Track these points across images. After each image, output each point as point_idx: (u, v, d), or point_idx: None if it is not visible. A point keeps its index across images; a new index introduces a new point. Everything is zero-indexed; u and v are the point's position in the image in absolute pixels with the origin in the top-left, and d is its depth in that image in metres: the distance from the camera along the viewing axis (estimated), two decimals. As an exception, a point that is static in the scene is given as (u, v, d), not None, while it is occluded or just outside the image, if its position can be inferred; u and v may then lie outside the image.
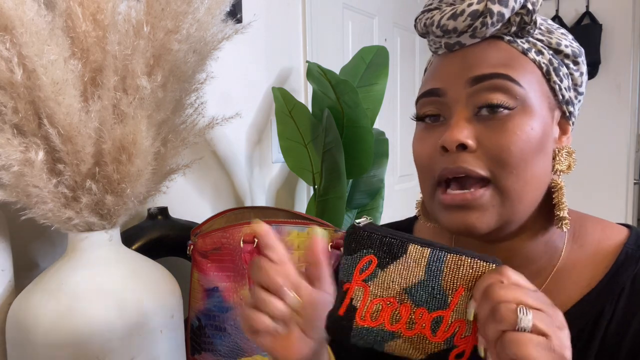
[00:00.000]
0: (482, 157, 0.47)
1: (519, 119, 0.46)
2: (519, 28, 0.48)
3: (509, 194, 0.47)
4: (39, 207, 0.60)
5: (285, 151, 1.23)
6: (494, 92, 0.46)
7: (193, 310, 0.84)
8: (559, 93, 0.49)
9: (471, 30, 0.47)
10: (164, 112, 0.64)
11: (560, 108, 0.50)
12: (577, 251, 0.52)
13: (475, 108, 0.47)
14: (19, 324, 0.62)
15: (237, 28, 0.72)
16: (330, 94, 1.15)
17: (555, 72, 0.49)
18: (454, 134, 0.47)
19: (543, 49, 0.49)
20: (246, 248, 0.77)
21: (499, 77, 0.46)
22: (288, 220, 0.78)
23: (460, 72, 0.48)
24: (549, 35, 0.49)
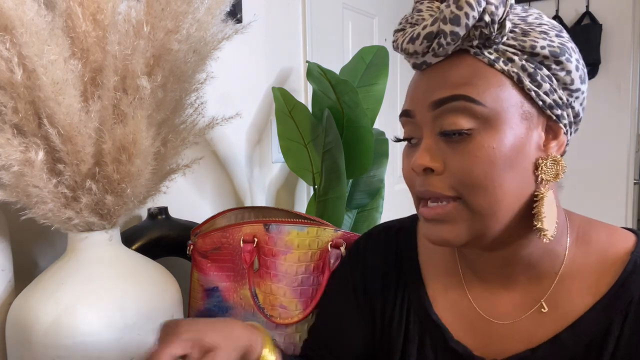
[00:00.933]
0: (449, 179, 0.48)
1: (480, 140, 0.47)
2: (482, 40, 0.47)
3: (479, 211, 0.48)
4: (39, 207, 0.60)
5: (285, 151, 1.23)
6: (454, 115, 0.47)
7: (193, 310, 0.84)
8: (536, 99, 0.47)
9: (431, 51, 0.48)
10: (164, 112, 0.65)
11: (543, 113, 0.48)
12: (581, 257, 0.52)
13: (438, 131, 0.49)
14: (19, 324, 0.62)
15: (237, 28, 0.72)
16: (330, 94, 1.15)
17: (530, 77, 0.47)
18: (418, 158, 0.49)
19: (514, 55, 0.47)
20: (246, 248, 0.77)
21: (457, 99, 0.47)
22: (288, 219, 0.78)
23: (425, 95, 0.49)
24: (523, 38, 0.47)
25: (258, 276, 0.77)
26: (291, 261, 0.75)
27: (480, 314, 0.55)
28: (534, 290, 0.52)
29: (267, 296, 0.77)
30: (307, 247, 0.75)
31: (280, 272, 0.76)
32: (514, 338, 0.52)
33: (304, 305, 0.75)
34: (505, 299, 0.54)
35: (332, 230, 0.76)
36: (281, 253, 0.76)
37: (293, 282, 0.75)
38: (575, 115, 0.50)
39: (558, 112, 0.48)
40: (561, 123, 0.49)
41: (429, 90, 0.49)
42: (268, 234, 0.76)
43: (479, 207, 0.48)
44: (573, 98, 0.49)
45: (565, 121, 0.49)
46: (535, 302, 0.52)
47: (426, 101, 0.49)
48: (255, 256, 0.77)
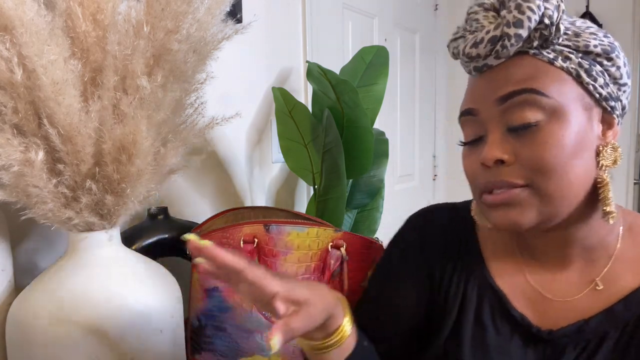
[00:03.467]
0: (520, 169, 0.52)
1: (549, 129, 0.51)
2: (541, 41, 0.51)
3: (549, 195, 0.51)
4: (39, 207, 0.60)
5: (285, 151, 1.23)
6: (520, 109, 0.51)
7: (193, 310, 0.84)
8: (594, 92, 0.52)
9: (494, 54, 0.52)
10: (164, 112, 0.64)
11: (600, 105, 0.53)
12: (631, 245, 0.56)
13: (507, 125, 0.52)
14: (19, 324, 0.62)
15: (237, 28, 0.72)
16: (330, 94, 1.15)
17: (587, 73, 0.51)
18: (490, 151, 0.52)
19: (570, 53, 0.52)
20: (246, 248, 0.77)
21: (524, 92, 0.51)
22: (288, 220, 0.78)
23: (489, 92, 0.53)
24: (576, 39, 0.52)
25: None
26: (291, 262, 0.75)
27: (538, 290, 0.58)
28: (589, 271, 0.56)
29: None
30: (307, 248, 0.75)
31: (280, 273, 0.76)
32: (569, 312, 0.56)
33: None
34: (562, 278, 0.58)
35: (332, 231, 0.76)
36: (281, 254, 0.76)
37: None
38: (622, 108, 0.54)
39: (612, 103, 0.53)
40: (614, 114, 0.53)
41: (492, 88, 0.53)
42: (268, 234, 0.76)
43: (550, 192, 0.51)
44: (621, 92, 0.54)
45: (617, 112, 0.54)
46: (590, 281, 0.56)
47: (491, 97, 0.53)
48: (255, 257, 0.76)
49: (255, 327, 0.78)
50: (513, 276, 0.60)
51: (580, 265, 0.57)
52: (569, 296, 0.57)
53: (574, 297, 0.56)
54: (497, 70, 0.53)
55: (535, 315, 0.58)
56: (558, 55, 0.52)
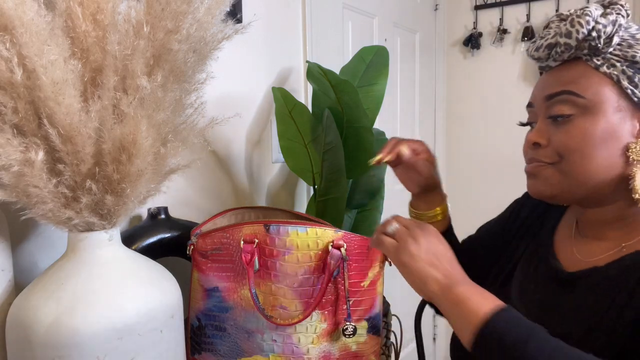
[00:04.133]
0: (551, 151, 0.65)
1: (578, 122, 0.62)
2: (591, 50, 0.62)
3: (569, 175, 0.64)
4: (39, 207, 0.60)
5: (285, 151, 1.23)
6: (560, 104, 0.64)
7: (193, 310, 0.84)
8: (632, 96, 0.61)
9: (550, 57, 0.66)
10: (164, 112, 0.64)
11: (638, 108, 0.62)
12: None
13: (548, 116, 0.65)
14: (19, 324, 0.62)
15: (237, 28, 0.72)
16: (330, 94, 1.15)
17: (629, 79, 0.61)
18: (532, 136, 0.67)
19: (617, 62, 0.61)
20: (246, 248, 0.77)
21: (563, 93, 0.63)
22: (288, 220, 0.78)
23: (542, 90, 0.67)
24: (627, 50, 0.61)
25: (258, 277, 0.77)
26: (291, 262, 0.75)
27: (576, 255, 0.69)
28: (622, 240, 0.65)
29: (267, 297, 0.76)
30: (307, 248, 0.75)
31: (281, 273, 0.76)
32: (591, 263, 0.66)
33: (304, 306, 0.75)
34: (597, 248, 0.67)
35: (332, 231, 0.76)
36: (281, 254, 0.75)
37: (293, 282, 0.75)
38: None
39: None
40: None
41: (545, 87, 0.66)
42: (268, 234, 0.76)
43: (569, 171, 0.63)
44: None
45: None
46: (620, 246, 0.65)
47: (542, 95, 0.67)
48: (255, 257, 0.76)
49: (255, 328, 0.77)
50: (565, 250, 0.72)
51: (616, 236, 0.66)
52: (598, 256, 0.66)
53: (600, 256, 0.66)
54: (554, 72, 0.66)
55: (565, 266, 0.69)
56: (605, 63, 0.62)
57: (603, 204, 0.65)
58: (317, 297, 0.74)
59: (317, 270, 0.75)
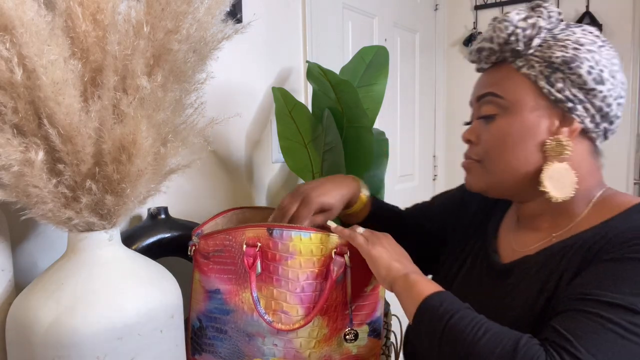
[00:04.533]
0: (480, 149, 0.71)
1: (499, 122, 0.68)
2: (513, 53, 0.67)
3: (492, 171, 0.70)
4: (39, 207, 0.60)
5: (285, 151, 1.23)
6: (485, 105, 0.70)
7: (194, 311, 0.84)
8: (549, 95, 0.65)
9: (481, 60, 0.72)
10: (164, 112, 0.64)
11: (557, 106, 0.65)
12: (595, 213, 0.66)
13: (478, 116, 0.72)
14: (19, 324, 0.62)
15: (237, 28, 0.72)
16: (330, 94, 1.15)
17: (546, 79, 0.64)
18: (464, 134, 0.74)
19: (536, 63, 0.65)
20: (249, 251, 0.76)
21: (487, 95, 0.70)
22: (292, 225, 0.77)
23: (475, 91, 0.73)
24: (546, 51, 0.65)
25: (260, 280, 0.76)
26: (294, 267, 0.75)
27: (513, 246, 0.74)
28: (552, 230, 0.69)
29: (269, 301, 0.76)
30: (310, 254, 0.74)
31: (283, 277, 0.75)
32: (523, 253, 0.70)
33: (306, 311, 0.75)
34: (531, 239, 0.71)
35: (336, 238, 0.76)
36: (284, 258, 0.75)
37: (295, 287, 0.75)
38: (598, 110, 0.64)
39: (569, 105, 0.64)
40: (574, 114, 0.64)
41: (477, 88, 0.73)
42: (271, 238, 0.75)
43: (490, 167, 0.70)
44: (591, 95, 0.64)
45: (579, 112, 0.64)
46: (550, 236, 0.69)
47: (475, 96, 0.73)
48: (257, 260, 0.76)
49: (256, 331, 0.77)
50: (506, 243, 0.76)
51: (547, 227, 0.70)
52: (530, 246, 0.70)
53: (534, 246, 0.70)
54: (485, 74, 0.72)
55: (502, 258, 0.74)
56: (526, 64, 0.66)
57: (530, 198, 0.70)
58: (319, 303, 0.74)
59: (319, 276, 0.75)
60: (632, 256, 0.56)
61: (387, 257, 0.71)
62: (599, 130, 0.66)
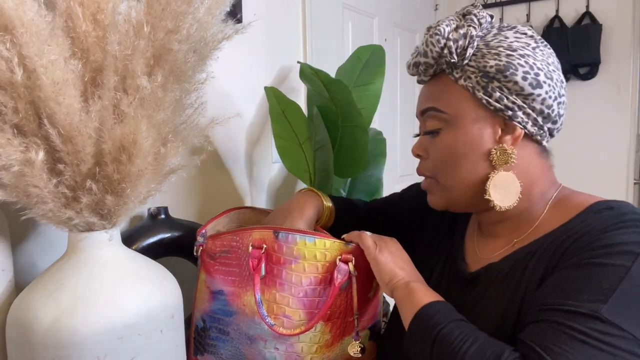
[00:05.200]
0: (429, 163, 0.71)
1: (443, 136, 0.67)
2: (449, 65, 0.66)
3: (445, 186, 0.69)
4: (39, 207, 0.60)
5: (281, 151, 1.23)
6: (430, 119, 0.69)
7: (199, 310, 0.84)
8: (487, 105, 0.64)
9: (420, 74, 0.71)
10: (164, 112, 0.64)
11: (497, 115, 0.64)
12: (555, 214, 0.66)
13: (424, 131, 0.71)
14: (19, 324, 0.62)
15: (237, 28, 0.72)
16: (324, 93, 1.14)
17: (483, 89, 0.64)
18: (413, 148, 0.73)
19: (472, 73, 0.64)
20: (254, 254, 0.76)
21: (429, 110, 0.69)
22: (297, 229, 0.77)
23: (419, 105, 0.72)
24: (479, 60, 0.64)
25: (263, 283, 0.76)
26: (297, 271, 0.74)
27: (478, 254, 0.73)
28: (514, 235, 0.69)
29: (271, 304, 0.75)
30: (314, 259, 0.74)
31: (286, 281, 0.75)
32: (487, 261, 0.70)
33: (308, 316, 0.74)
34: (494, 246, 0.71)
35: (342, 244, 0.75)
36: (288, 262, 0.74)
37: (298, 292, 0.74)
38: (540, 113, 0.64)
39: (509, 113, 0.63)
40: (514, 121, 0.64)
41: (420, 102, 0.72)
42: (277, 241, 0.75)
43: (444, 183, 0.69)
44: (529, 100, 0.63)
45: (519, 119, 0.64)
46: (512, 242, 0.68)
47: (418, 110, 0.72)
48: (262, 263, 0.75)
49: (257, 335, 0.77)
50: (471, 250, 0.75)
51: (508, 232, 0.69)
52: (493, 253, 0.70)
53: (497, 253, 0.69)
54: (426, 86, 0.71)
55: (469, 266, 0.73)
56: (462, 75, 0.65)
57: (485, 208, 0.68)
58: (322, 309, 0.73)
59: (323, 282, 0.74)
60: (591, 261, 0.55)
61: (392, 263, 0.70)
62: (543, 132, 0.65)
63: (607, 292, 0.53)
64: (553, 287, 0.57)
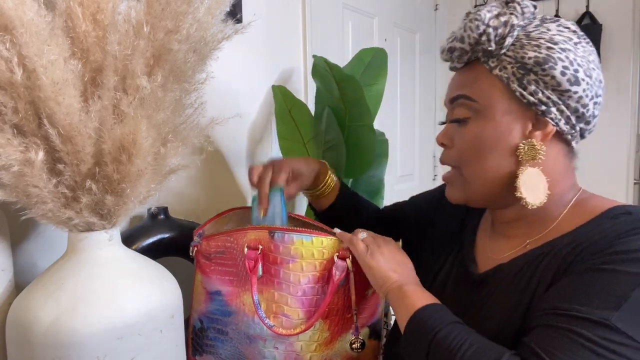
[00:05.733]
0: (454, 153, 0.69)
1: (472, 126, 0.65)
2: (485, 53, 0.63)
3: (467, 178, 0.67)
4: (39, 207, 0.60)
5: (284, 151, 1.23)
6: (458, 108, 0.67)
7: (196, 311, 0.84)
8: (521, 98, 0.61)
9: (453, 60, 0.68)
10: (164, 112, 0.64)
11: (529, 109, 0.62)
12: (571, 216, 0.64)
13: (450, 119, 0.69)
14: (19, 324, 0.62)
15: (237, 28, 0.72)
16: (334, 92, 1.14)
17: (518, 81, 0.61)
18: (438, 137, 0.71)
19: (508, 64, 0.62)
20: (250, 255, 0.76)
21: (459, 97, 0.66)
22: (293, 228, 0.77)
23: (449, 92, 0.70)
24: (518, 51, 0.61)
25: (261, 283, 0.76)
26: (295, 270, 0.74)
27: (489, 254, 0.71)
28: (528, 236, 0.67)
29: (270, 304, 0.75)
30: (312, 257, 0.74)
31: (284, 281, 0.75)
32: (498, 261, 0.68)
33: (307, 315, 0.74)
34: (505, 246, 0.69)
35: (338, 241, 0.75)
36: (285, 261, 0.74)
37: (297, 291, 0.74)
38: (574, 111, 0.62)
39: (543, 108, 0.61)
40: (547, 117, 0.61)
41: (450, 90, 0.69)
42: (273, 241, 0.75)
43: (467, 175, 0.67)
44: (565, 97, 0.61)
45: (552, 115, 0.61)
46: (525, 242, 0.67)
47: (448, 97, 0.69)
48: (259, 263, 0.75)
49: (256, 334, 0.77)
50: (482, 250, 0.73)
51: (521, 233, 0.68)
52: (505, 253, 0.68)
53: (508, 253, 0.68)
54: (458, 74, 0.69)
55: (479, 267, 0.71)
56: (498, 65, 0.63)
57: (505, 205, 0.67)
58: (321, 307, 0.73)
59: (321, 280, 0.74)
60: (604, 267, 0.54)
61: (385, 266, 0.69)
62: (575, 132, 0.63)
63: (619, 300, 0.51)
64: (563, 290, 0.56)
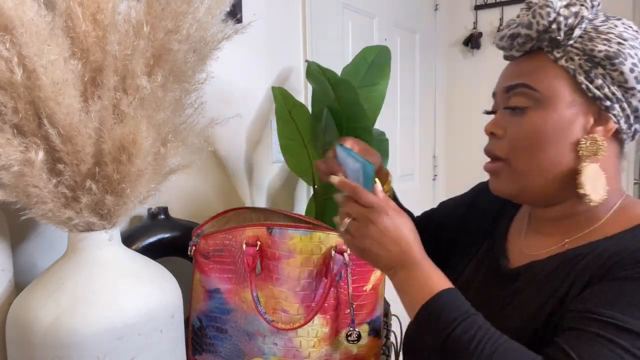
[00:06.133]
0: (505, 143, 0.64)
1: (531, 115, 0.61)
2: (552, 42, 0.61)
3: (519, 171, 0.63)
4: (39, 207, 0.60)
5: (285, 151, 1.23)
6: (516, 96, 0.63)
7: (194, 310, 0.84)
8: (587, 91, 0.59)
9: (514, 47, 0.64)
10: (164, 112, 0.64)
11: (593, 103, 0.60)
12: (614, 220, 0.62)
13: (505, 106, 0.64)
14: (19, 324, 0.62)
15: (237, 28, 0.72)
16: (330, 93, 1.14)
17: (585, 73, 0.59)
18: (488, 126, 0.66)
19: (576, 55, 0.60)
20: (249, 251, 0.76)
21: (519, 86, 0.62)
22: (291, 224, 0.77)
23: (503, 81, 0.66)
24: (587, 43, 0.59)
25: (260, 279, 0.76)
26: (294, 265, 0.75)
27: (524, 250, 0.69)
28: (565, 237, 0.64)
29: (269, 300, 0.76)
30: (309, 252, 0.74)
31: (283, 276, 0.75)
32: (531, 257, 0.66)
33: (306, 310, 0.75)
34: (542, 243, 0.67)
35: (336, 236, 0.76)
36: (284, 257, 0.75)
37: (295, 286, 0.75)
38: (634, 110, 0.60)
39: (607, 103, 0.59)
40: (610, 113, 0.59)
41: (506, 78, 0.65)
42: (271, 237, 0.75)
43: (518, 168, 0.63)
44: (629, 94, 0.59)
45: (615, 112, 0.60)
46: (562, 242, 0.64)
47: (502, 85, 0.65)
48: (257, 259, 0.76)
49: (256, 330, 0.77)
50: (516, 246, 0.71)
51: (561, 232, 0.65)
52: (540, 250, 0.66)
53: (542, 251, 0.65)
54: (516, 62, 0.65)
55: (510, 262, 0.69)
56: (564, 55, 0.60)
57: (557, 202, 0.64)
58: (319, 302, 0.74)
59: (319, 275, 0.75)
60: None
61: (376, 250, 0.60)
62: (630, 132, 0.62)
63: None
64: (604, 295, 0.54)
